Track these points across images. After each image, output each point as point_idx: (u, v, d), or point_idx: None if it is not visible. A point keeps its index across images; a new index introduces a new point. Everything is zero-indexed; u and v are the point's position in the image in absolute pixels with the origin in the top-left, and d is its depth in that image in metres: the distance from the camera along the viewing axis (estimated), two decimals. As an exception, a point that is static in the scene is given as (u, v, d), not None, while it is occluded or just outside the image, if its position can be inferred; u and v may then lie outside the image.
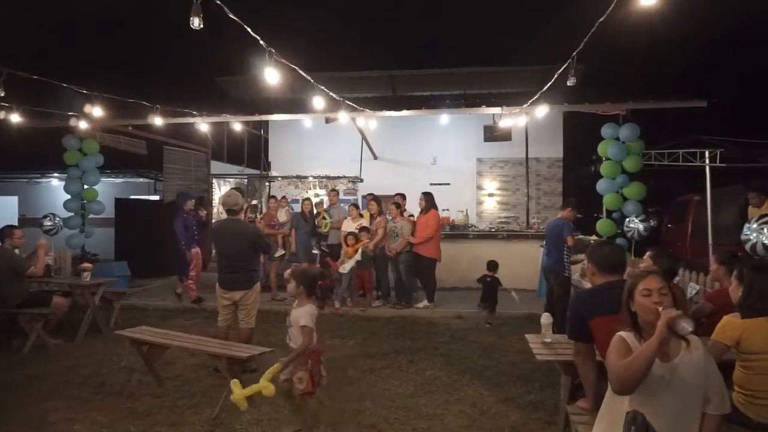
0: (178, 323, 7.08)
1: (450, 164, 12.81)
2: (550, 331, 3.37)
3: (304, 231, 8.43)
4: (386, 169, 12.84)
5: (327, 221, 8.48)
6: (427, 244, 7.65)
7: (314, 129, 13.22)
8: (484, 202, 12.97)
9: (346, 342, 6.10)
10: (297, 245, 8.39)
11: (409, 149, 12.92)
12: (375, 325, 7.00)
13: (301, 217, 8.50)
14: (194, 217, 8.26)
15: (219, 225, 4.89)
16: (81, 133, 8.96)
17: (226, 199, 4.85)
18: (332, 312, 7.62)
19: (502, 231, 9.96)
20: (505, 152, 12.42)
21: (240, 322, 4.87)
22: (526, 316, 7.29)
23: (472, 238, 9.84)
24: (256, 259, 4.97)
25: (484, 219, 12.51)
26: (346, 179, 10.91)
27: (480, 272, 9.55)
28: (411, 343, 6.01)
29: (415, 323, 7.08)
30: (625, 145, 7.40)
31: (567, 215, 5.72)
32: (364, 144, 12.09)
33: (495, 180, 12.98)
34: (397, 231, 7.74)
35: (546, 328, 3.37)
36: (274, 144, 13.99)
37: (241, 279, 4.76)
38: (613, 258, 2.56)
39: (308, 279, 3.46)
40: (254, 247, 4.86)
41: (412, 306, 7.82)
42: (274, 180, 11.25)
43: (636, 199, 7.39)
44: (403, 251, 7.71)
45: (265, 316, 7.34)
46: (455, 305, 8.01)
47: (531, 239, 9.60)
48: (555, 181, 12.62)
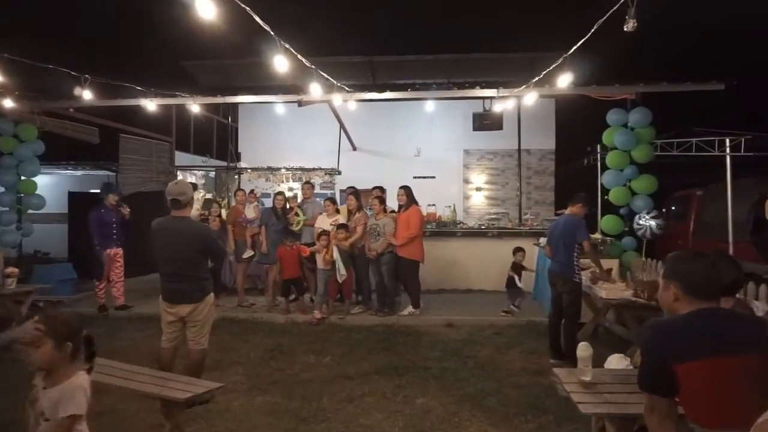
0: (126, 336, 6.17)
1: (435, 156, 12.10)
2: (590, 366, 2.58)
3: (275, 229, 7.55)
4: (366, 161, 12.09)
5: (300, 218, 7.62)
6: (408, 245, 6.84)
7: (288, 117, 12.36)
8: (472, 196, 12.28)
9: (321, 359, 5.27)
10: (268, 245, 7.50)
11: (391, 140, 12.18)
12: (355, 336, 6.19)
13: (273, 213, 7.61)
14: (116, 213, 7.23)
15: (160, 223, 3.99)
16: (11, 114, 7.84)
17: (171, 187, 3.97)
18: (307, 321, 6.78)
19: (493, 228, 9.22)
20: (494, 143, 11.75)
21: (189, 342, 4.01)
22: (525, 324, 6.60)
23: (460, 236, 9.10)
24: (206, 265, 4.08)
25: (472, 215, 11.82)
26: (322, 171, 10.05)
27: (471, 273, 8.98)
28: (397, 360, 5.22)
29: (401, 333, 6.30)
30: (634, 133, 6.70)
31: (578, 212, 4.96)
32: (342, 134, 11.24)
33: (483, 173, 12.29)
34: (379, 229, 6.92)
35: (585, 361, 2.57)
36: (244, 133, 13.07)
37: (188, 290, 3.90)
38: (709, 279, 1.79)
39: (68, 331, 2.05)
40: (204, 252, 3.98)
41: (396, 313, 7.04)
42: (244, 172, 10.30)
43: (646, 193, 6.73)
44: (385, 252, 6.90)
45: (227, 326, 6.49)
46: (444, 311, 7.26)
47: (524, 237, 8.91)
48: (547, 174, 11.98)
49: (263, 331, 6.44)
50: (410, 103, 11.74)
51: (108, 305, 7.29)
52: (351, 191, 7.35)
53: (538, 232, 8.92)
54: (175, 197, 3.91)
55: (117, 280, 7.30)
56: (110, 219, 7.09)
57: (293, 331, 6.50)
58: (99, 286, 7.18)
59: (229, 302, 7.88)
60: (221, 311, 7.31)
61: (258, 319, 7.02)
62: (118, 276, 7.26)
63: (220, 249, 4.15)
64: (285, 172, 10.07)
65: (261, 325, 6.78)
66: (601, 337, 5.89)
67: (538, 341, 5.86)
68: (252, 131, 12.87)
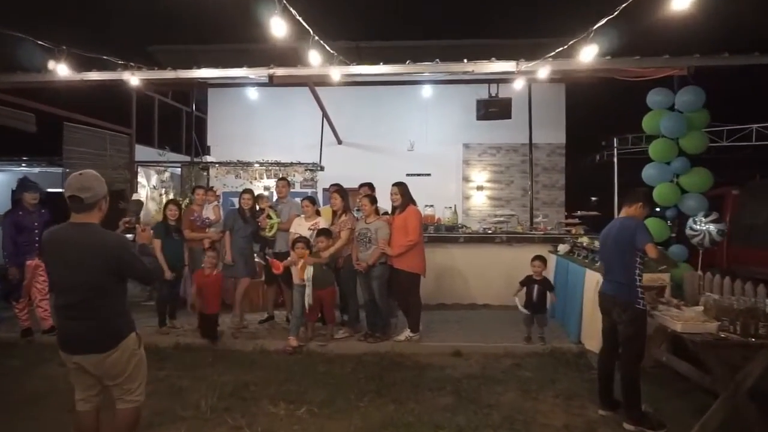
0: (46, 373, 4.93)
1: (431, 151, 10.99)
2: None
3: (242, 235, 6.34)
4: (352, 156, 10.99)
5: (272, 221, 6.41)
6: (406, 255, 5.67)
7: (263, 106, 11.20)
8: (472, 196, 11.18)
9: (294, 411, 4.07)
10: (234, 253, 6.27)
11: (380, 132, 11.07)
12: (339, 370, 5.03)
13: (239, 215, 6.38)
14: (39, 216, 5.99)
15: (52, 234, 2.77)
16: None
17: (71, 180, 2.75)
18: (280, 350, 5.57)
19: (501, 233, 8.09)
20: (498, 136, 10.69)
21: (115, 400, 2.82)
22: (549, 353, 5.47)
23: (462, 242, 7.97)
24: (122, 295, 2.86)
25: (472, 217, 10.73)
26: (302, 167, 8.83)
27: (475, 285, 7.85)
28: (395, 412, 4.04)
29: (397, 367, 5.15)
30: (684, 117, 5.60)
31: (637, 213, 3.83)
32: (325, 125, 10.04)
33: (485, 170, 11.18)
34: (370, 235, 5.74)
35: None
36: (214, 125, 11.80)
37: (93, 334, 2.70)
38: None
39: None
40: (118, 274, 2.76)
41: (390, 337, 5.87)
42: (212, 166, 9.03)
43: (698, 190, 5.63)
44: (377, 263, 5.71)
45: (180, 356, 5.35)
46: (448, 334, 6.13)
47: (537, 243, 7.86)
48: (556, 171, 10.91)
49: (224, 364, 5.23)
50: (402, 91, 10.65)
51: (35, 328, 6.09)
52: (335, 188, 6.15)
53: (554, 237, 7.85)
54: (75, 193, 2.69)
55: (41, 298, 6.03)
56: (30, 223, 5.82)
57: (262, 363, 5.29)
58: (18, 306, 5.94)
59: (189, 322, 6.64)
60: (174, 335, 6.12)
61: (220, 346, 5.80)
62: (42, 292, 5.99)
63: (144, 270, 2.91)
64: (258, 168, 8.83)
65: (223, 354, 5.57)
66: (651, 372, 4.77)
67: (572, 379, 4.76)
68: (223, 123, 11.65)
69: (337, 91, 9.79)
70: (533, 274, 5.82)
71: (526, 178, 10.97)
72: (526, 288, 5.79)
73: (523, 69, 5.81)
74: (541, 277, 5.85)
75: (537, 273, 5.82)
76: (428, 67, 6.10)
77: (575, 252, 6.62)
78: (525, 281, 5.80)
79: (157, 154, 10.73)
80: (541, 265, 5.86)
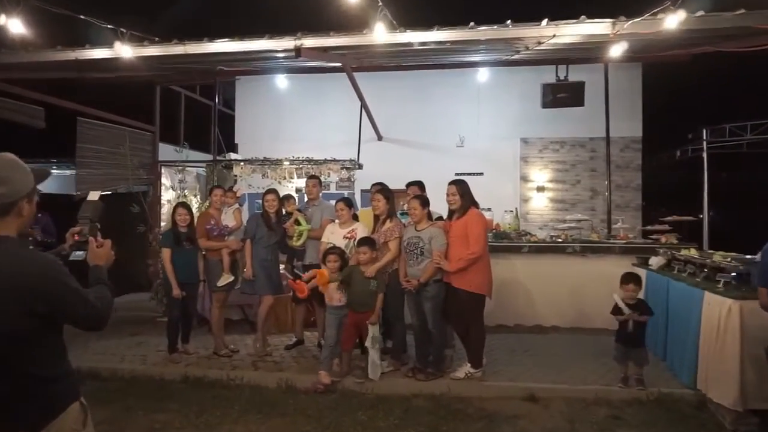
0: None
1: (484, 147, 9.90)
2: None
3: (265, 244, 5.40)
4: (394, 153, 10.00)
5: (301, 228, 5.43)
6: (468, 271, 4.57)
7: (295, 99, 10.37)
8: (532, 198, 9.96)
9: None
10: (255, 267, 5.34)
11: (426, 126, 10.06)
12: (384, 420, 4.03)
13: (263, 221, 5.44)
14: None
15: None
16: None
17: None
18: (309, 389, 4.59)
19: (573, 242, 6.90)
20: (561, 129, 9.52)
21: None
22: (655, 400, 4.29)
23: (526, 252, 6.81)
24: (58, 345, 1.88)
25: (532, 222, 9.54)
26: (337, 164, 7.84)
27: (541, 304, 6.70)
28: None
29: (458, 416, 4.13)
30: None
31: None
32: (363, 117, 9.06)
33: (546, 168, 9.96)
34: (422, 246, 4.67)
35: None
36: (242, 122, 11.01)
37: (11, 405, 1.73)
38: None
39: None
40: (47, 316, 1.78)
41: (445, 374, 4.79)
42: (235, 164, 8.16)
43: None
44: (430, 281, 4.64)
45: (186, 394, 4.33)
46: (517, 370, 5.05)
47: (617, 254, 6.64)
48: (631, 170, 9.57)
49: (238, 407, 4.29)
50: (450, 78, 9.57)
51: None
52: (379, 188, 5.11)
53: (638, 248, 6.61)
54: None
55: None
56: None
57: (286, 405, 4.32)
58: None
59: (204, 345, 5.77)
60: (185, 364, 5.23)
61: (236, 379, 4.87)
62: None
63: (88, 309, 1.89)
64: (288, 166, 7.89)
65: (238, 392, 4.66)
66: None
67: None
68: (252, 118, 10.85)
69: (377, 80, 8.86)
70: (625, 298, 4.62)
71: (595, 177, 9.70)
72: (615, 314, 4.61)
73: (625, 29, 4.58)
74: (635, 300, 4.64)
75: (631, 297, 4.62)
76: (495, 31, 4.98)
77: (675, 267, 5.40)
78: (616, 310, 4.60)
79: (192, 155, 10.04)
80: (636, 288, 4.65)
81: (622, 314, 4.50)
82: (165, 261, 5.21)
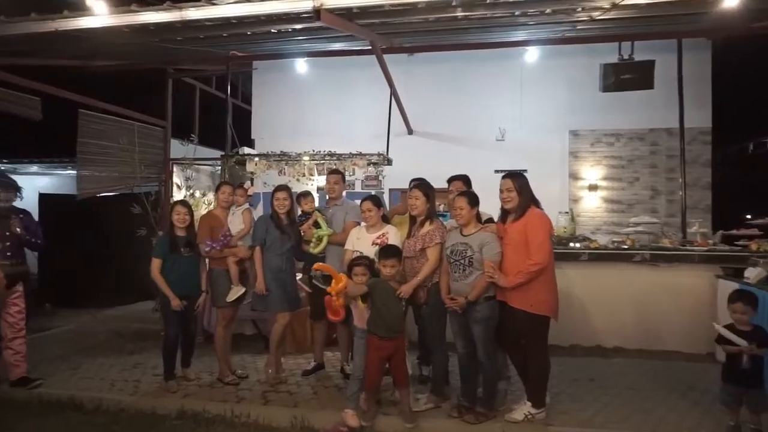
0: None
1: (527, 140, 9.06)
2: None
3: (278, 251, 4.58)
4: (427, 148, 9.21)
5: (320, 231, 4.59)
6: (529, 286, 3.65)
7: (316, 88, 9.63)
8: (583, 198, 9.02)
9: None
10: (267, 279, 4.52)
11: (462, 118, 9.31)
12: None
13: (274, 223, 4.61)
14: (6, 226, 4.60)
15: None
16: None
17: None
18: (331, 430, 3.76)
19: (643, 249, 5.92)
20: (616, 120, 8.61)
21: None
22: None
23: (585, 261, 5.87)
24: None
25: (583, 225, 8.60)
26: (363, 160, 7.00)
27: (601, 320, 5.75)
28: None
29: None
30: None
31: None
32: (393, 107, 8.25)
33: (599, 164, 9.01)
34: (470, 254, 3.78)
35: None
36: (259, 115, 10.31)
37: None
38: None
39: None
40: None
41: (499, 413, 3.87)
42: (249, 160, 7.39)
43: None
44: (480, 298, 3.73)
45: None
46: (586, 407, 4.19)
47: (695, 263, 5.66)
48: (700, 165, 8.52)
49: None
50: (490, 63, 8.72)
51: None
52: (417, 183, 4.22)
53: (721, 256, 5.61)
54: None
55: (12, 337, 4.59)
56: None
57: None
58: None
59: (209, 368, 5.01)
60: (182, 394, 4.45)
61: (241, 416, 4.05)
62: (13, 329, 4.56)
63: None
64: (308, 162, 7.08)
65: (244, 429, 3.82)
66: None
67: None
68: (269, 111, 10.16)
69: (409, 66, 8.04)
70: (736, 322, 3.63)
71: (656, 174, 8.69)
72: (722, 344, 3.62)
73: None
74: (751, 327, 3.63)
75: (742, 321, 3.62)
76: None
77: (780, 280, 4.39)
78: (723, 340, 3.61)
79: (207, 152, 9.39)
80: (748, 309, 3.63)
81: (733, 344, 3.52)
82: (152, 272, 4.47)
